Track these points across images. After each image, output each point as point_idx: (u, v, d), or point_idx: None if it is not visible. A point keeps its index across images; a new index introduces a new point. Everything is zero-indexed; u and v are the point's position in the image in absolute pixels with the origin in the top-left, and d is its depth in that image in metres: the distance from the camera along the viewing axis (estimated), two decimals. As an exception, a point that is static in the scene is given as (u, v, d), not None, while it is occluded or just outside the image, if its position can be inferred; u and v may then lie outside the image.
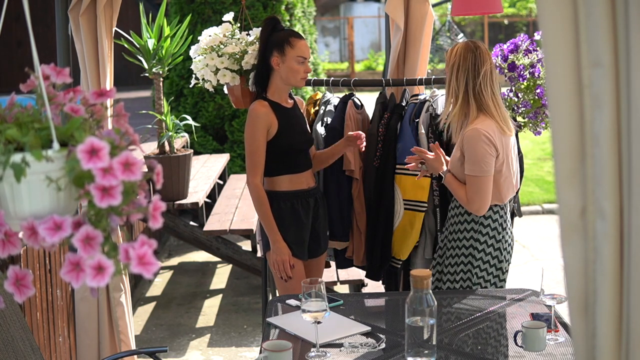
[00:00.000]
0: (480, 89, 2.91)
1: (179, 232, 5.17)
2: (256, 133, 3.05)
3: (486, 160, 2.85)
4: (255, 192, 3.07)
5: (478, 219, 3.00)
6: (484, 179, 2.87)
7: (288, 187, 3.15)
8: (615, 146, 1.09)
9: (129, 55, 4.42)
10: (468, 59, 2.91)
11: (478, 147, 2.85)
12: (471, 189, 2.90)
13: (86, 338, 3.58)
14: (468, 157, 2.88)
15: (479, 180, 2.87)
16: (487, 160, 2.85)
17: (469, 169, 2.88)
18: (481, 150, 2.85)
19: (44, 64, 1.21)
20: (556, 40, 1.10)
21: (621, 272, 1.11)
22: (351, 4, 21.89)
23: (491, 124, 2.89)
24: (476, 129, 2.86)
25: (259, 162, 3.07)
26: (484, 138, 2.84)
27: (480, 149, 2.85)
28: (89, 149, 1.02)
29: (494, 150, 2.87)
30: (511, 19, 19.33)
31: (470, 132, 2.87)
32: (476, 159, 2.86)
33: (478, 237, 3.01)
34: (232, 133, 7.01)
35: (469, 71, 2.91)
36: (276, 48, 3.07)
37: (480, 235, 3.00)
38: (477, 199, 2.89)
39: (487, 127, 2.86)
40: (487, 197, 2.90)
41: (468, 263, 3.04)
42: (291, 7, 7.41)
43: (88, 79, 3.36)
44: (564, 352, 2.34)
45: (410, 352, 2.11)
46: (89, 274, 1.02)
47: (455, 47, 2.99)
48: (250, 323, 4.83)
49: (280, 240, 3.08)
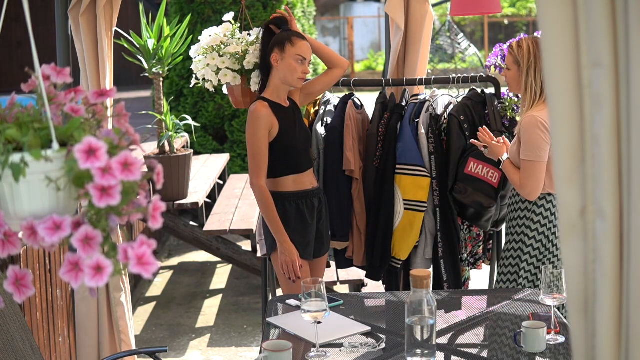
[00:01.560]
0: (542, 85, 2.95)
1: (179, 232, 5.17)
2: (258, 134, 3.04)
3: (541, 147, 2.94)
4: (260, 193, 3.05)
5: (531, 206, 3.09)
6: (537, 164, 2.95)
7: (292, 188, 3.15)
8: (615, 146, 1.09)
9: (129, 55, 4.42)
10: (539, 57, 2.97)
11: (534, 134, 2.94)
12: (525, 174, 2.99)
13: (86, 338, 3.58)
14: (524, 142, 2.97)
15: (532, 165, 2.96)
16: (541, 147, 2.94)
17: (524, 154, 2.97)
18: (536, 136, 2.93)
19: (44, 64, 1.21)
20: (556, 40, 1.10)
21: (621, 272, 1.11)
22: (351, 4, 21.88)
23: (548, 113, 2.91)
24: (533, 116, 2.95)
25: (262, 164, 3.06)
26: (540, 125, 2.93)
27: (536, 135, 2.93)
28: (87, 148, 1.02)
29: (549, 137, 2.93)
30: (511, 19, 19.33)
31: (528, 118, 2.96)
32: (531, 144, 2.94)
33: (529, 225, 3.09)
34: (232, 133, 7.01)
35: (540, 69, 2.97)
36: (277, 45, 3.07)
37: (532, 222, 3.09)
38: (530, 183, 2.98)
39: (544, 115, 2.94)
40: (539, 182, 2.98)
41: (518, 249, 3.13)
42: (291, 7, 7.40)
43: (88, 79, 3.36)
44: (564, 352, 2.34)
45: (410, 352, 2.11)
46: (88, 274, 1.02)
47: (524, 45, 3.02)
48: (250, 323, 4.83)
49: (288, 241, 3.07)
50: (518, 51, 3.02)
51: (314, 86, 3.30)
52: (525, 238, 3.12)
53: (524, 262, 3.11)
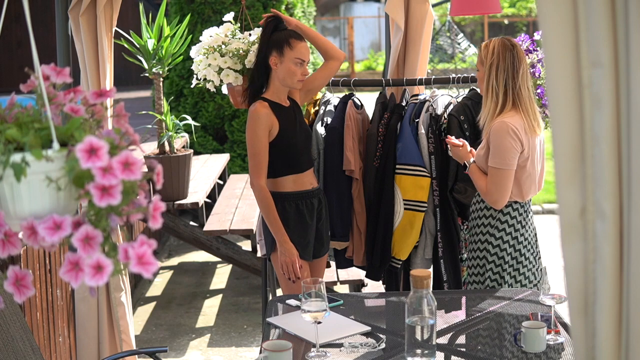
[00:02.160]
0: (519, 88, 2.90)
1: (179, 232, 5.17)
2: (258, 134, 3.04)
3: (510, 154, 2.86)
4: (261, 193, 3.05)
5: (496, 214, 3.00)
6: (505, 171, 2.88)
7: (292, 188, 3.15)
8: (615, 146, 1.09)
9: (129, 55, 4.42)
10: (507, 57, 2.90)
11: (504, 141, 2.85)
12: (491, 180, 2.91)
13: (86, 338, 3.58)
14: (493, 148, 2.89)
15: (500, 173, 2.88)
16: (510, 155, 2.86)
17: (492, 161, 2.89)
18: (506, 143, 2.85)
19: (44, 64, 1.21)
20: (556, 40, 1.10)
21: (621, 272, 1.11)
22: (351, 4, 21.88)
23: (519, 120, 2.89)
24: (504, 122, 2.86)
25: (263, 163, 3.05)
26: (511, 132, 2.85)
27: (506, 142, 2.85)
28: (88, 148, 1.02)
29: (519, 145, 2.87)
30: (511, 19, 19.33)
31: (499, 124, 2.87)
32: (500, 151, 2.87)
33: (494, 233, 3.01)
34: (232, 133, 7.01)
35: (508, 70, 2.89)
36: (275, 48, 3.07)
37: (497, 230, 3.00)
38: (496, 191, 2.90)
39: (515, 121, 2.87)
40: (505, 190, 2.90)
41: (483, 258, 3.04)
42: (291, 7, 7.41)
43: (88, 79, 3.36)
44: (564, 352, 2.34)
45: (410, 352, 2.11)
46: (88, 273, 1.02)
47: (490, 45, 2.95)
48: (250, 323, 4.83)
49: (287, 241, 3.06)
50: (484, 50, 2.95)
51: (313, 82, 3.30)
52: (490, 246, 3.02)
53: (489, 270, 3.02)
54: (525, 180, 2.95)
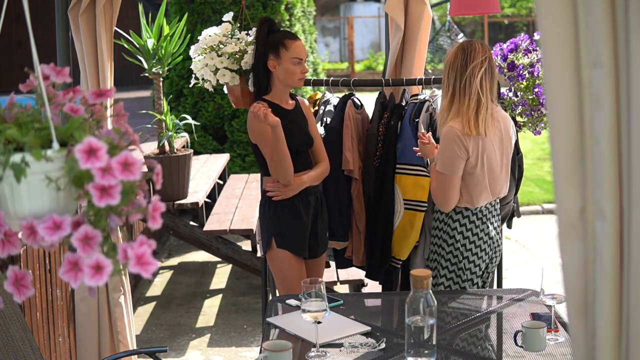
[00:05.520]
0: (464, 87, 2.89)
1: (179, 232, 5.17)
2: (264, 132, 3.06)
3: (454, 161, 2.87)
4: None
5: (447, 219, 3.02)
6: (448, 177, 2.90)
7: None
8: (615, 146, 1.09)
9: (129, 55, 4.42)
10: (458, 57, 2.91)
11: (449, 147, 2.87)
12: (437, 184, 2.94)
13: (86, 338, 3.58)
14: (439, 153, 2.93)
15: (444, 178, 2.91)
16: (454, 162, 2.87)
17: (439, 165, 2.93)
18: (451, 150, 2.86)
19: (43, 64, 1.21)
20: (556, 40, 1.10)
21: (621, 272, 1.11)
22: (351, 3, 21.88)
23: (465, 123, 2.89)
24: (452, 127, 2.87)
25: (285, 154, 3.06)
26: (456, 138, 2.85)
27: (450, 149, 2.86)
28: (87, 148, 1.02)
29: (464, 152, 2.86)
30: (511, 19, 19.33)
31: (447, 129, 2.88)
32: (445, 157, 2.89)
33: (445, 238, 3.03)
34: (232, 133, 7.01)
35: (457, 69, 2.91)
36: (271, 51, 3.08)
37: (448, 236, 3.02)
38: (439, 194, 2.94)
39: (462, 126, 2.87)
40: (449, 195, 2.92)
41: (434, 260, 3.07)
42: (291, 7, 7.41)
43: (88, 79, 3.36)
44: (564, 352, 2.34)
45: (410, 352, 2.11)
46: (87, 273, 1.02)
47: (457, 44, 3.00)
48: (250, 323, 4.83)
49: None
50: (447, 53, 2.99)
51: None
52: (441, 250, 3.04)
53: (443, 276, 3.04)
54: (475, 187, 2.95)
